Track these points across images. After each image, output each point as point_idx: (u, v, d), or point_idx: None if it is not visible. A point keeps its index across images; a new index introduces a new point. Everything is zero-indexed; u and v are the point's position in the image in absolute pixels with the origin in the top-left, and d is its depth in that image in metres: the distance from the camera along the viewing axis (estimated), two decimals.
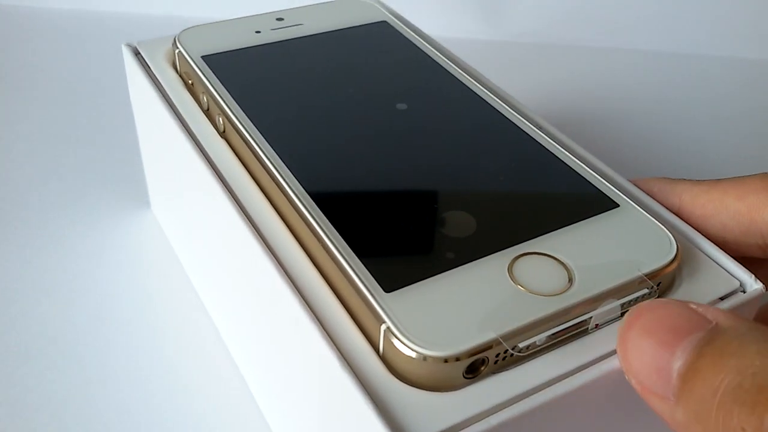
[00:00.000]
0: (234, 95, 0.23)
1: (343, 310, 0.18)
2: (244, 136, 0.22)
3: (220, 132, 0.24)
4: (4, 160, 0.36)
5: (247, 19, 0.28)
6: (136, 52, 0.27)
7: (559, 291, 0.17)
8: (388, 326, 0.16)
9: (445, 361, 0.16)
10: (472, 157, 0.22)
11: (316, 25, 0.28)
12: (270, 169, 0.21)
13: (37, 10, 0.50)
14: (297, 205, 0.19)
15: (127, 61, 0.27)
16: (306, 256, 0.19)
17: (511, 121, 0.23)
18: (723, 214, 0.20)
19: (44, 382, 0.25)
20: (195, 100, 0.25)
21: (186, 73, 0.26)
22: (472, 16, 0.49)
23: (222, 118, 0.23)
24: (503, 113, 0.24)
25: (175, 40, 0.26)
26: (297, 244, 0.20)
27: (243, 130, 0.22)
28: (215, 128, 0.24)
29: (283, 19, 0.28)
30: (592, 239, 0.19)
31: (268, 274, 0.19)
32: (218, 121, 0.23)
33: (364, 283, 0.17)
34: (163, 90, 0.25)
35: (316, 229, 0.19)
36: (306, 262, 0.19)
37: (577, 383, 0.16)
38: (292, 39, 0.27)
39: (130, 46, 0.28)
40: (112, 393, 0.25)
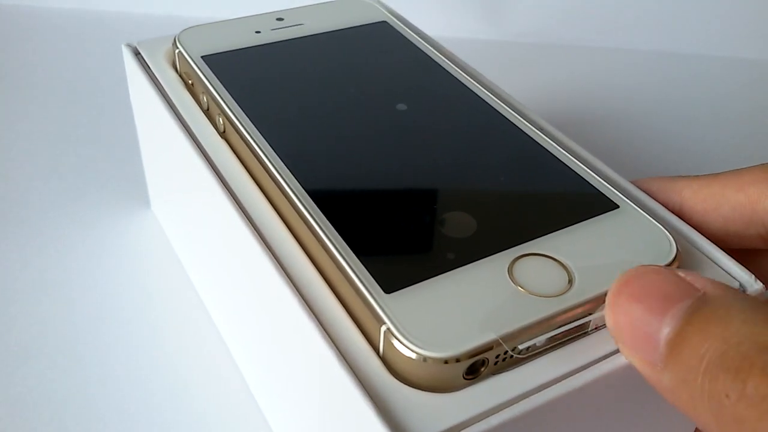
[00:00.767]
0: (234, 95, 0.23)
1: (343, 311, 0.18)
2: (244, 136, 0.22)
3: (220, 132, 0.24)
4: (4, 160, 0.36)
5: (247, 19, 0.28)
6: (136, 52, 0.27)
7: (559, 292, 0.17)
8: (388, 327, 0.16)
9: (445, 362, 0.16)
10: (472, 158, 0.22)
11: (316, 25, 0.28)
12: (270, 169, 0.21)
13: (37, 10, 0.50)
14: (297, 206, 0.19)
15: (127, 61, 0.27)
16: (306, 256, 0.19)
17: (511, 122, 0.23)
18: (724, 207, 0.20)
19: (44, 382, 0.25)
20: (195, 100, 0.25)
21: (186, 73, 0.26)
22: (472, 16, 0.49)
23: (222, 118, 0.23)
24: (503, 113, 0.24)
25: (175, 40, 0.26)
26: (297, 244, 0.20)
27: (243, 130, 0.22)
28: (215, 128, 0.24)
29: (283, 19, 0.28)
30: (592, 240, 0.19)
31: (268, 275, 0.19)
32: (218, 121, 0.23)
33: (364, 284, 0.17)
34: (163, 90, 0.25)
35: (316, 229, 0.19)
36: (306, 263, 0.19)
37: (577, 384, 0.16)
38: (292, 39, 0.27)
39: (130, 46, 0.28)
40: (112, 393, 0.25)
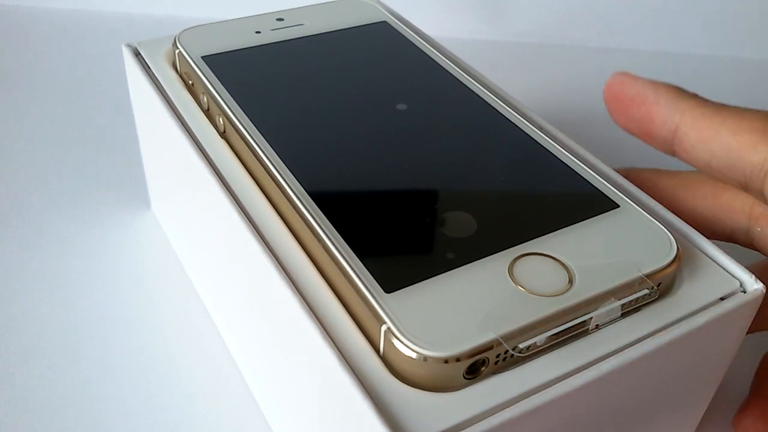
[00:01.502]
0: (234, 95, 0.23)
1: (343, 311, 0.18)
2: (244, 137, 0.22)
3: (220, 132, 0.24)
4: (4, 160, 0.36)
5: (248, 20, 0.28)
6: (136, 53, 0.27)
7: (560, 291, 0.17)
8: (389, 327, 0.16)
9: (446, 361, 0.16)
10: (472, 158, 0.22)
11: (317, 26, 0.28)
12: (270, 169, 0.21)
13: (38, 10, 0.50)
14: (297, 206, 0.19)
15: (127, 61, 0.27)
16: (306, 256, 0.19)
17: (511, 122, 0.23)
18: (715, 144, 0.20)
19: (44, 382, 0.25)
20: (195, 100, 0.25)
21: (186, 74, 0.26)
22: (472, 16, 0.49)
23: (222, 119, 0.23)
24: (503, 113, 0.24)
25: (175, 41, 0.26)
26: (297, 244, 0.20)
27: (243, 131, 0.22)
28: (215, 128, 0.24)
29: (284, 20, 0.28)
30: (593, 240, 0.19)
31: (267, 274, 0.19)
32: (218, 122, 0.23)
33: (365, 284, 0.17)
34: (163, 90, 0.25)
35: (316, 229, 0.19)
36: (306, 263, 0.19)
37: (578, 383, 0.16)
38: (293, 39, 0.27)
39: (130, 46, 0.28)
40: (112, 393, 0.25)
